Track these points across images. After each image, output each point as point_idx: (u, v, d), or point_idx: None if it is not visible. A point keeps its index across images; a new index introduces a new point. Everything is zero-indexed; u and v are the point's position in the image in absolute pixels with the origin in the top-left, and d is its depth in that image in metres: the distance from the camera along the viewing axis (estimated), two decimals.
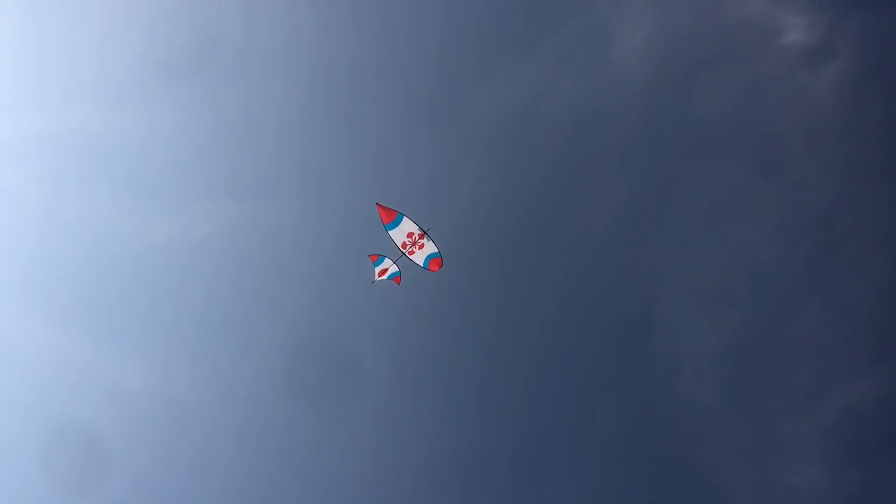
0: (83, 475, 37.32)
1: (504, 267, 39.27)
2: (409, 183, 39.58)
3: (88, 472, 37.37)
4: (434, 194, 39.61)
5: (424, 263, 27.75)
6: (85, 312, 39.23)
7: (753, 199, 38.33)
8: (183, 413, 38.82)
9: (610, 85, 39.16)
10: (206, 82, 39.85)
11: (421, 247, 27.45)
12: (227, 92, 39.95)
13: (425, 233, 26.95)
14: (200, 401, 39.08)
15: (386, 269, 28.60)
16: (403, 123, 40.42)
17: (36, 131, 39.14)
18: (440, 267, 27.66)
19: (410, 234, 27.11)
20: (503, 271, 39.28)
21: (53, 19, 38.92)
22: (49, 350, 38.42)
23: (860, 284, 36.89)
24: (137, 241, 39.58)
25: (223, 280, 40.44)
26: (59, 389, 38.09)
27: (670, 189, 38.83)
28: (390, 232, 27.13)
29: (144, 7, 39.01)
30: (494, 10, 39.25)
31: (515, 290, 39.46)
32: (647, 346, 38.54)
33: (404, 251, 27.62)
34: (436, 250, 27.39)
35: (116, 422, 38.39)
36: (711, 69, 38.96)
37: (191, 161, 40.23)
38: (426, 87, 40.15)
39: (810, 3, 37.83)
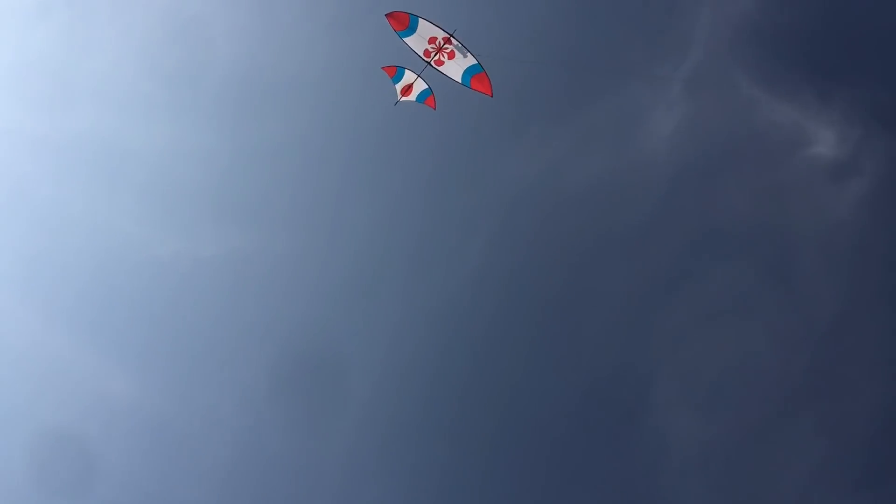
0: (58, 480, 36.94)
1: (502, 335, 39.08)
2: (422, 236, 39.86)
3: (64, 478, 37.01)
4: (445, 251, 39.81)
5: (465, 81, 22.95)
6: (79, 314, 39.36)
7: (760, 303, 38.23)
8: (160, 423, 38.52)
9: (633, 169, 39.49)
10: (237, 108, 40.64)
11: (451, 55, 22.62)
12: (256, 121, 40.61)
13: (451, 35, 21.95)
14: (179, 413, 38.80)
15: (410, 87, 23.79)
16: (422, 175, 40.79)
17: (66, 130, 39.79)
18: (489, 87, 22.75)
19: (433, 40, 22.48)
20: (501, 339, 39.08)
21: (102, 25, 39.92)
22: (38, 348, 38.41)
23: (856, 406, 36.50)
24: (143, 250, 39.82)
25: (221, 302, 40.51)
26: (42, 390, 37.91)
27: (679, 280, 38.84)
28: (406, 39, 22.47)
29: (192, 29, 40.01)
30: (528, 78, 39.70)
31: (510, 357, 39.15)
32: (637, 429, 38.03)
33: (429, 60, 22.75)
34: (474, 62, 22.35)
35: (96, 426, 38.15)
36: (736, 168, 39.34)
37: (209, 183, 40.74)
38: (450, 142, 40.48)
39: (841, 117, 38.16)
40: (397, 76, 24.00)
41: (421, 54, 23.11)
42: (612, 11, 39.91)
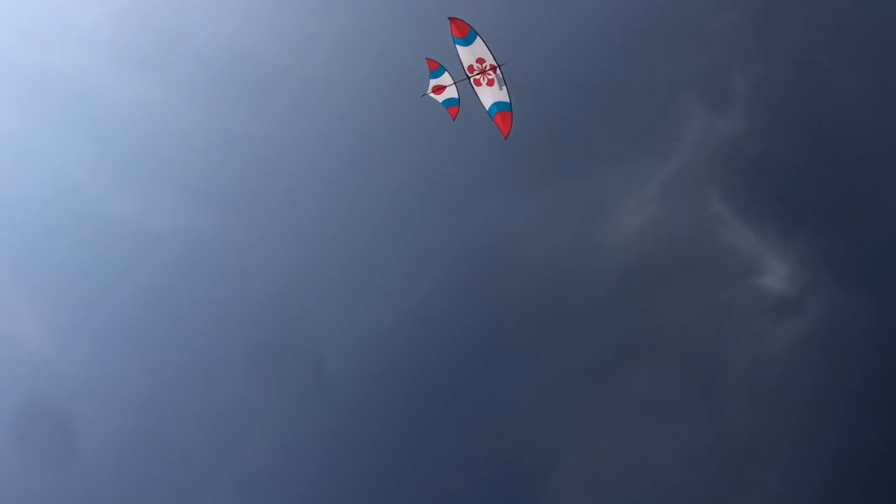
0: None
1: (417, 385, 38.67)
2: (372, 265, 39.73)
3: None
4: (390, 286, 39.70)
5: (491, 111, 24.31)
6: (6, 259, 38.32)
7: (679, 414, 38.50)
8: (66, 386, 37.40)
9: (589, 255, 39.93)
10: (228, 88, 40.62)
11: (490, 83, 24.05)
12: (242, 105, 40.60)
13: (498, 66, 23.55)
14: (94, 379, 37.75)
15: (443, 89, 24.89)
16: (392, 195, 40.73)
17: (47, 64, 39.21)
18: (509, 128, 24.10)
19: (481, 60, 23.90)
20: (413, 389, 38.63)
21: None
22: None
23: None
24: (92, 204, 39.13)
25: (160, 276, 39.71)
26: None
27: (606, 373, 38.96)
28: (459, 48, 23.88)
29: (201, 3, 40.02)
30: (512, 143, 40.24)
31: (418, 408, 38.61)
32: None
33: (470, 76, 24.18)
34: (506, 100, 23.95)
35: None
36: (687, 277, 40.01)
37: (179, 154, 40.32)
38: (428, 171, 40.56)
39: (795, 257, 39.18)
40: (436, 73, 24.88)
41: (465, 67, 24.29)
42: (610, 98, 40.82)
